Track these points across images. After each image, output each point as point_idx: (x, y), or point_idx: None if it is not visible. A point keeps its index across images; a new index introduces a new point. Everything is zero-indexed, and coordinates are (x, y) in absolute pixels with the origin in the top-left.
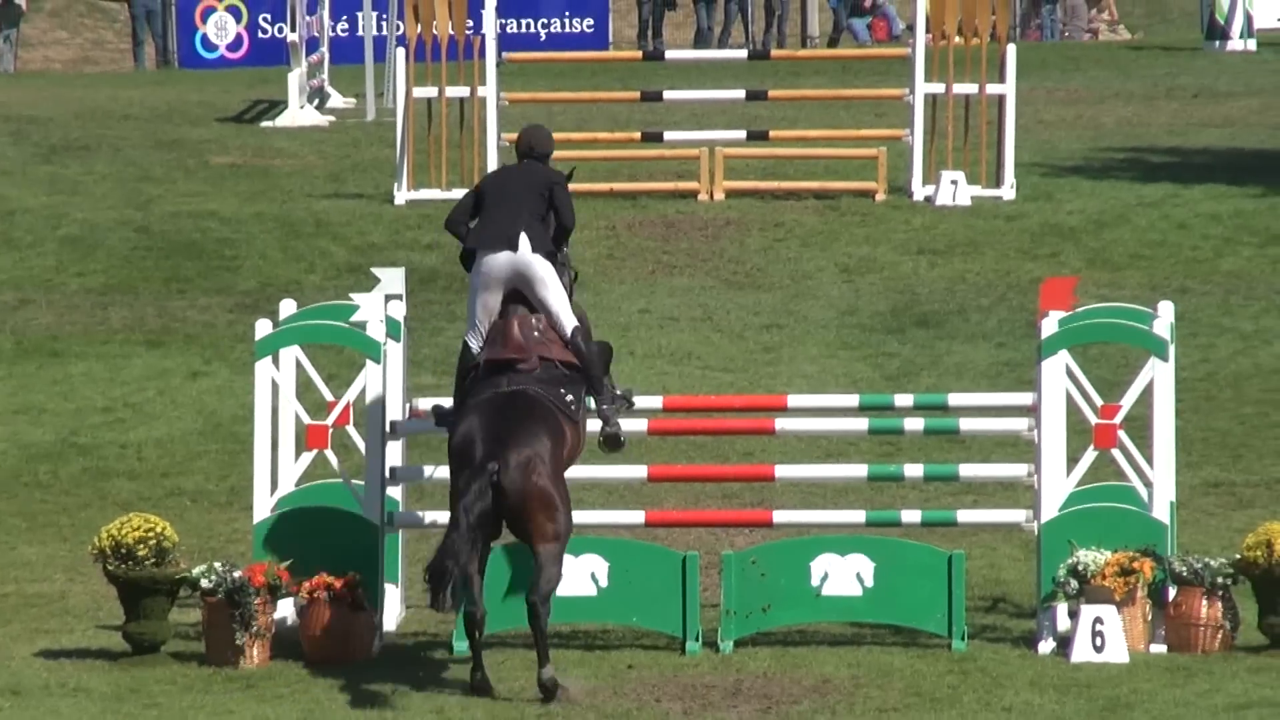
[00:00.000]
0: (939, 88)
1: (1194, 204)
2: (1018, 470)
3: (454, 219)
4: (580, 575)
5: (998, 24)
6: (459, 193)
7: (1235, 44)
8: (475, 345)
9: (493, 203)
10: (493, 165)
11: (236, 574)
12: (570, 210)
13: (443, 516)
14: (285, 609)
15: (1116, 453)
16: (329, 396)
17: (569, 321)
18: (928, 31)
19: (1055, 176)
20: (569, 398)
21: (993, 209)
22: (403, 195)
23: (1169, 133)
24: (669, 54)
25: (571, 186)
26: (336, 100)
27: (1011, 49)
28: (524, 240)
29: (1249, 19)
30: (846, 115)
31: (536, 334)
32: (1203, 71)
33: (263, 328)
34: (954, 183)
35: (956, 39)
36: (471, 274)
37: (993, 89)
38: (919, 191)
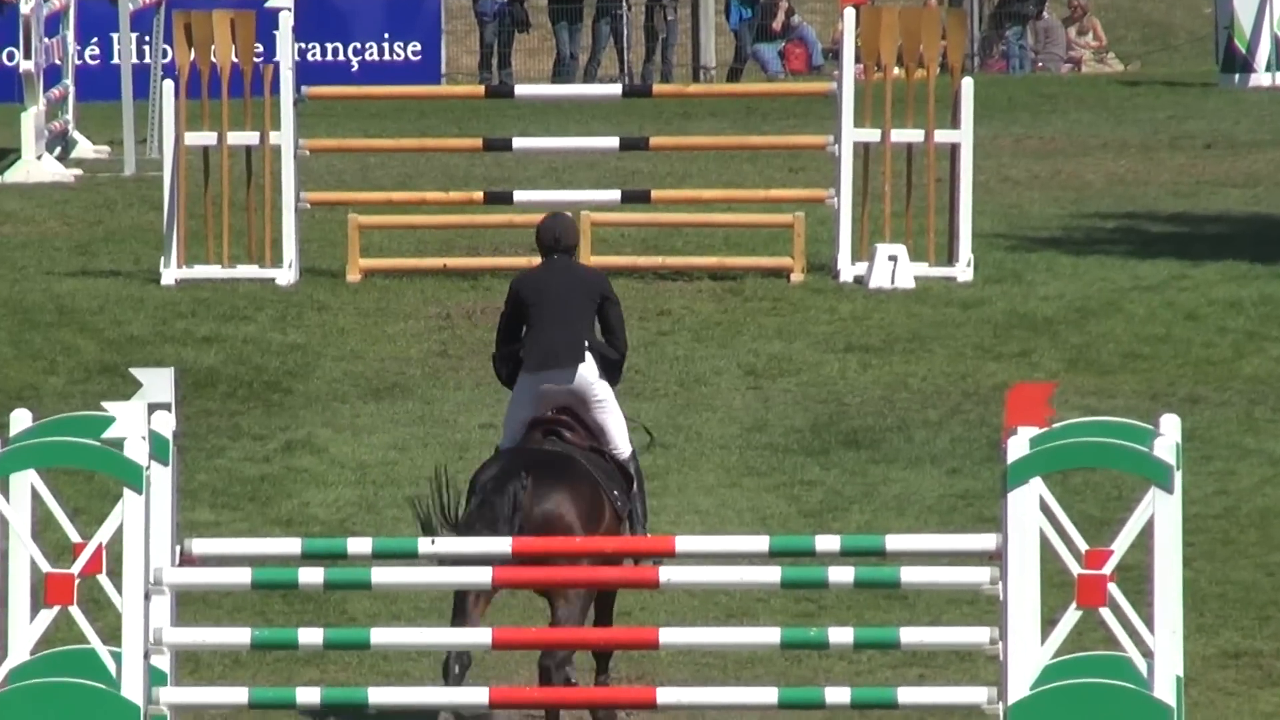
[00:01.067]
0: (873, 134)
1: (1206, 287)
2: (978, 635)
3: (504, 353)
4: None
5: (949, 51)
6: (244, 270)
7: (1260, 78)
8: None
9: (539, 316)
10: (290, 233)
11: None
12: (624, 334)
13: (229, 694)
14: None
15: (1106, 612)
16: (75, 537)
17: (625, 448)
18: (858, 61)
19: (1025, 251)
20: (615, 492)
21: (944, 293)
22: (172, 273)
23: (1174, 194)
24: (520, 89)
25: (393, 262)
26: (85, 148)
27: (968, 84)
28: (588, 365)
29: (1277, 46)
30: (752, 170)
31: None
32: (1218, 114)
33: None
34: (893, 259)
35: (896, 70)
36: (517, 390)
37: (943, 136)
38: (847, 270)
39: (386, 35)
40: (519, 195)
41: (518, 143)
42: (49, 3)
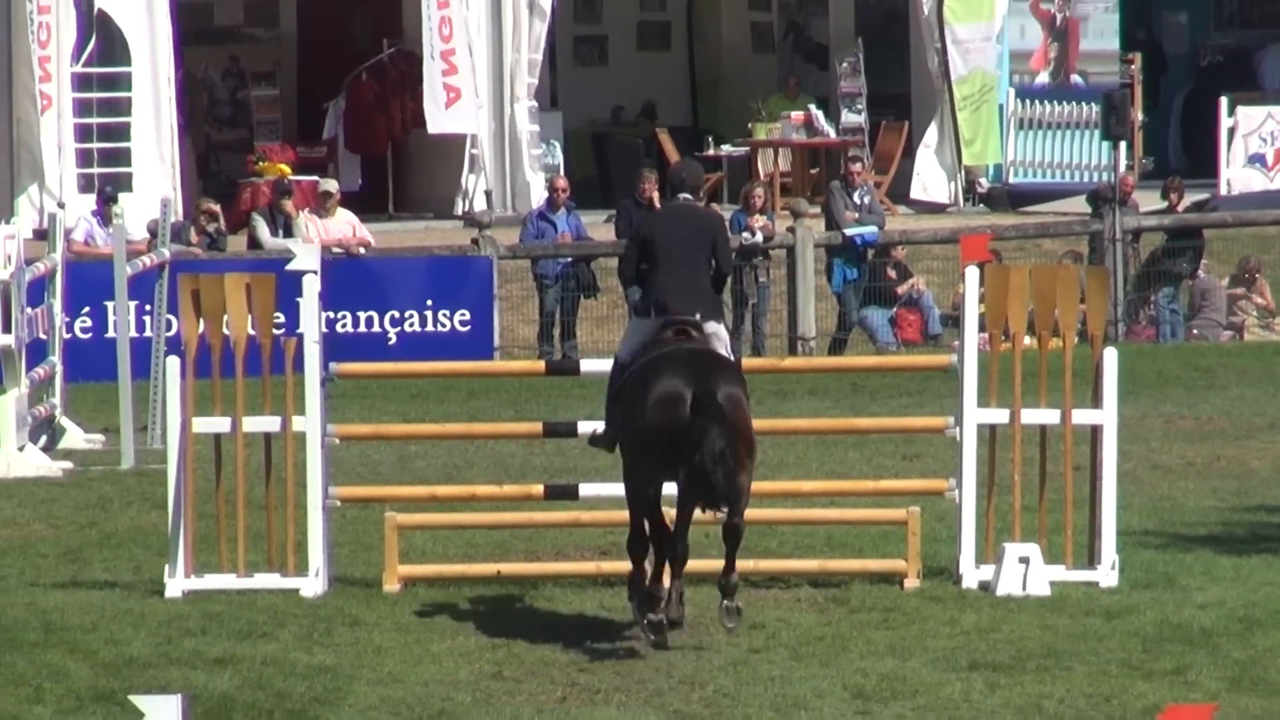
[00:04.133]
0: (1001, 415)
1: None
2: None
3: (626, 276)
4: None
5: (1089, 316)
6: (263, 580)
7: None
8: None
9: (664, 257)
10: (317, 536)
11: None
12: (730, 259)
13: None
14: None
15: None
16: None
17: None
18: (982, 329)
19: (1180, 551)
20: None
21: (1084, 601)
22: (178, 583)
23: None
24: (586, 364)
25: (438, 569)
26: (75, 437)
27: (1110, 355)
28: (708, 331)
29: None
30: (860, 458)
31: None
32: None
33: None
34: (1024, 561)
35: (1027, 340)
36: (641, 325)
37: (1082, 416)
38: (970, 575)
39: (430, 302)
40: (585, 489)
41: (583, 427)
42: (32, 266)
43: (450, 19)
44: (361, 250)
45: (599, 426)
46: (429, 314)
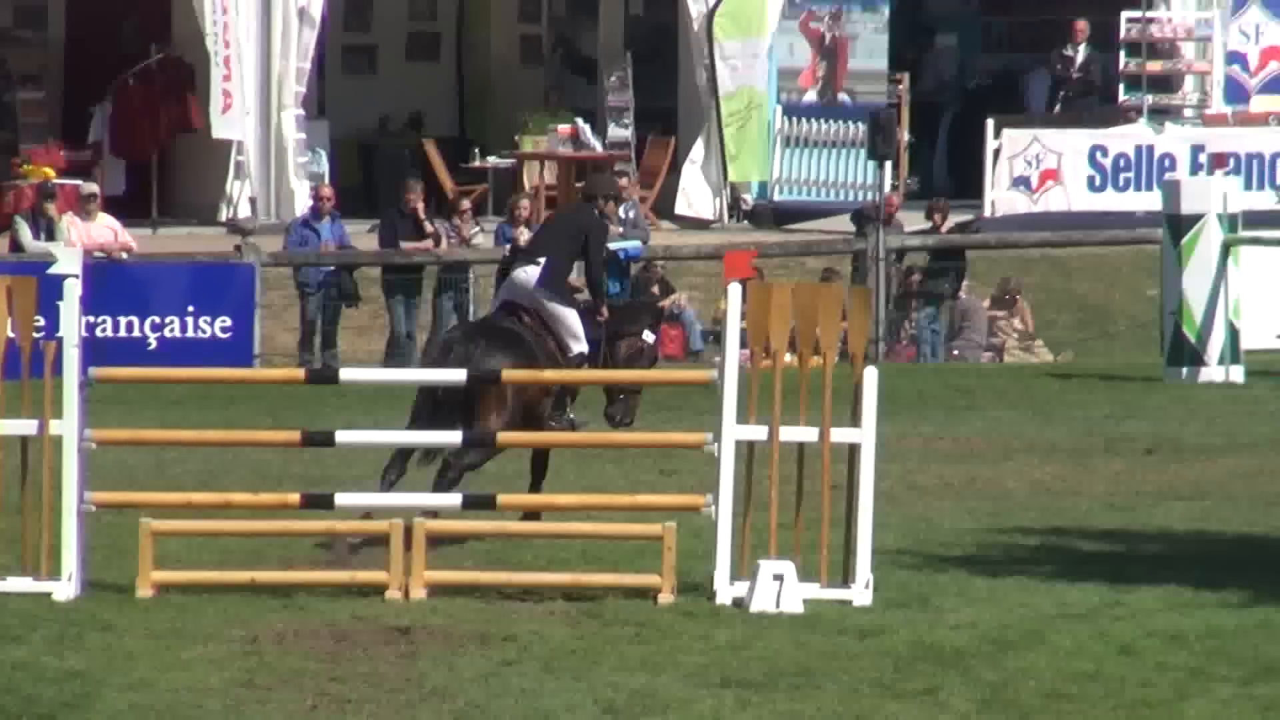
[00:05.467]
0: (759, 432)
1: (1145, 617)
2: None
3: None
4: None
5: (850, 335)
6: (15, 583)
7: (1212, 372)
8: None
9: (536, 236)
10: (71, 540)
11: None
12: (597, 265)
13: None
14: None
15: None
16: None
17: (577, 347)
18: (743, 345)
19: (934, 571)
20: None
21: (838, 619)
22: None
23: (1109, 507)
24: (346, 373)
25: (192, 575)
26: None
27: (871, 374)
28: (538, 269)
29: (1234, 335)
30: (617, 472)
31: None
32: (1162, 414)
33: None
34: (778, 578)
35: (787, 357)
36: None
37: (840, 435)
38: (725, 591)
39: (191, 308)
40: (341, 499)
41: (341, 436)
42: None
43: (229, 24)
44: (124, 255)
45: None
46: (190, 320)
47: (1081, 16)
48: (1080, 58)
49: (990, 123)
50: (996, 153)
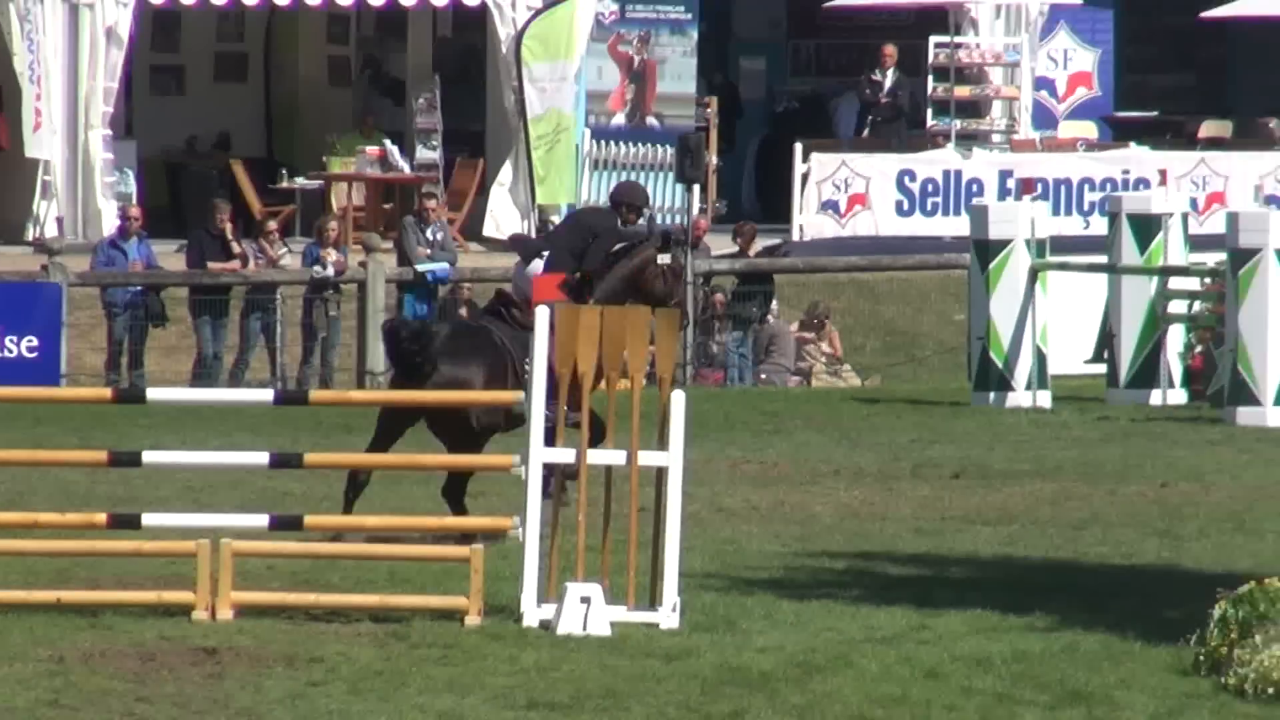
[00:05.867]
0: (568, 455)
1: (951, 641)
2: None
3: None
4: None
5: (658, 358)
6: None
7: (1019, 398)
8: None
9: (555, 229)
10: None
11: None
12: (595, 255)
13: None
14: None
15: None
16: None
17: None
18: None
19: (741, 594)
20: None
21: (644, 642)
22: None
23: (915, 531)
24: (153, 393)
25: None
26: None
27: (678, 398)
28: (540, 262)
29: (1042, 361)
30: (425, 494)
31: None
32: (969, 438)
33: None
34: (585, 601)
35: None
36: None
37: (648, 458)
38: (532, 613)
39: None
40: (148, 519)
41: (148, 456)
42: None
43: (39, 43)
44: None
45: None
46: None
47: (890, 41)
48: (889, 82)
49: (799, 147)
50: (805, 177)
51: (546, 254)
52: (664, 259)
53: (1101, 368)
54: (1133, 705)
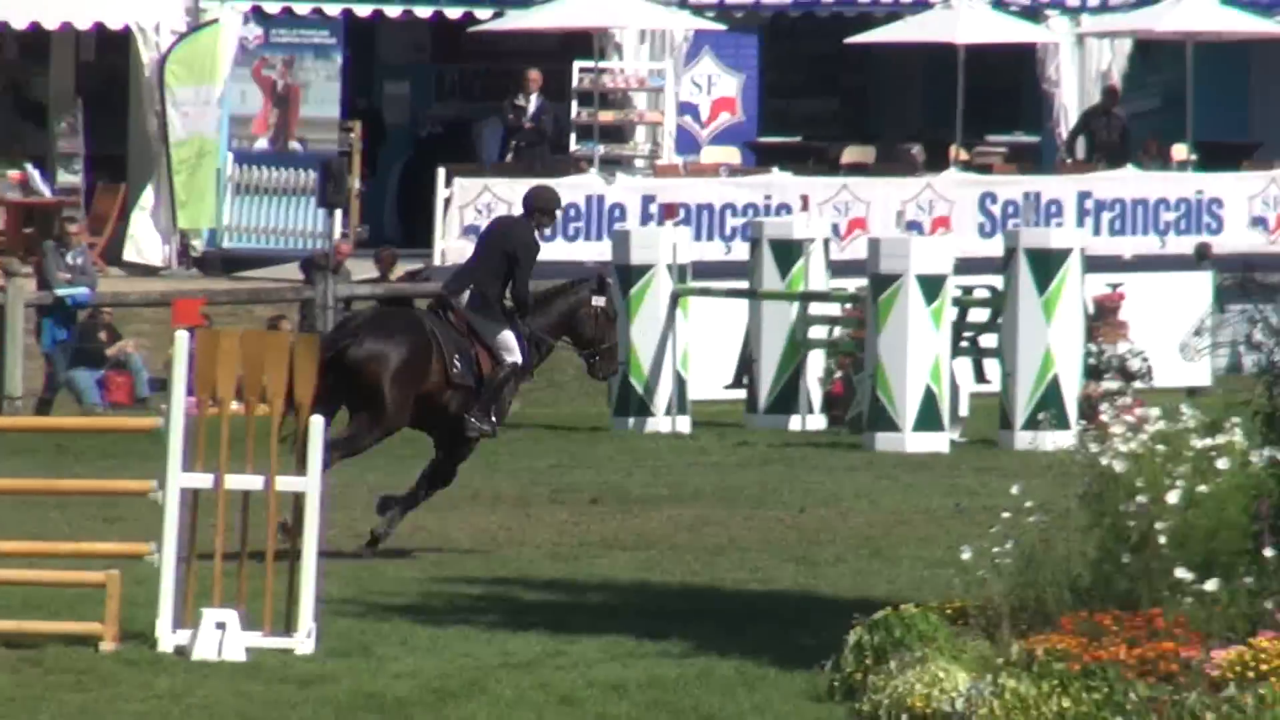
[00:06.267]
0: (205, 480)
1: (586, 667)
2: None
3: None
4: None
5: (297, 384)
6: None
7: (659, 422)
8: None
9: (470, 259)
10: None
11: None
12: (522, 285)
13: None
14: None
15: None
16: None
17: (509, 357)
18: (190, 393)
19: (377, 620)
20: (457, 359)
21: (279, 668)
22: None
23: (552, 557)
24: None
25: None
26: None
27: (316, 422)
28: (465, 296)
29: (682, 386)
30: (61, 519)
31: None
32: (608, 463)
33: None
34: (221, 626)
35: (235, 405)
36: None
37: (286, 483)
38: (167, 639)
39: None
40: None
41: None
42: None
43: None
44: None
45: None
46: None
47: (535, 66)
48: (532, 107)
49: (441, 171)
50: (447, 201)
51: (469, 292)
52: (598, 302)
53: (742, 393)
54: None
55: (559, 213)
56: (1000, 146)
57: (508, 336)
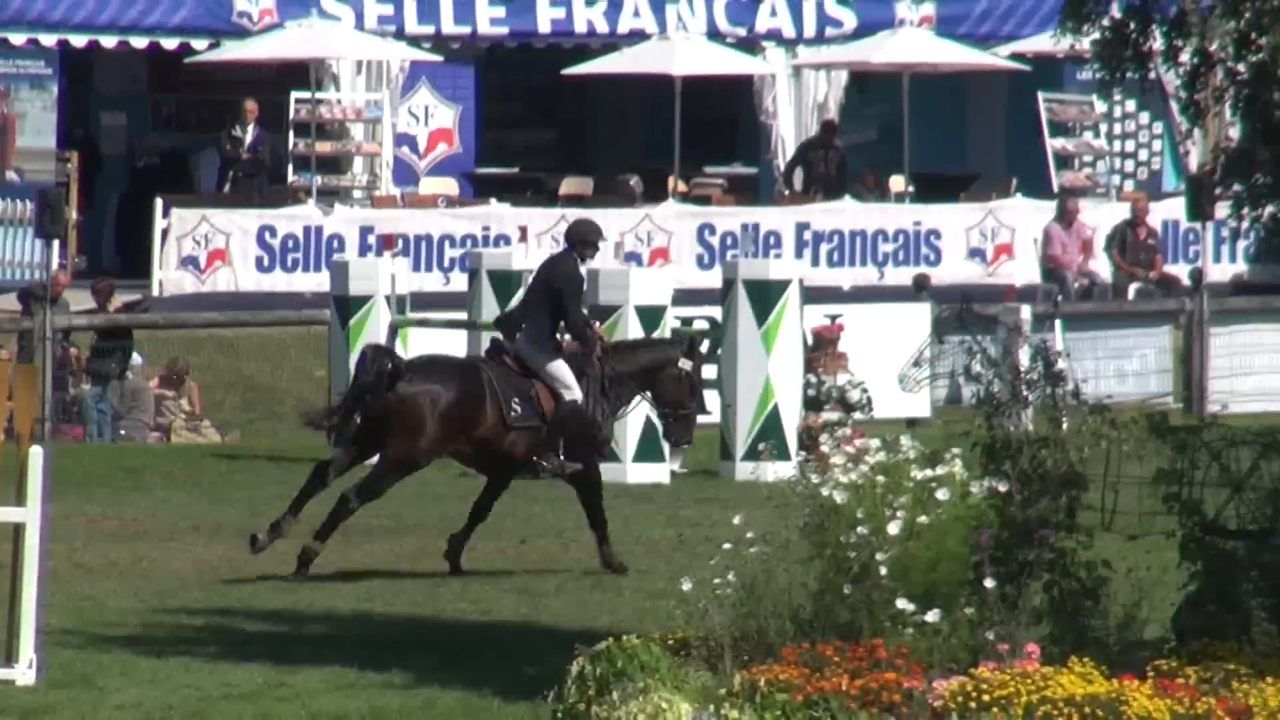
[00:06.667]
0: None
1: (309, 697)
2: None
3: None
4: None
5: (16, 413)
6: None
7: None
8: None
9: (523, 299)
10: None
11: None
12: (574, 316)
13: None
14: None
15: None
16: None
17: (569, 394)
18: None
19: (99, 651)
20: (515, 401)
21: (1, 699)
22: None
23: (275, 589)
24: None
25: None
26: None
27: (37, 453)
28: (519, 338)
29: None
30: None
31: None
32: (327, 494)
33: None
34: None
35: None
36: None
37: (5, 514)
38: None
39: None
40: None
41: None
42: None
43: None
44: None
45: None
46: None
47: (252, 97)
48: (250, 138)
49: (159, 202)
50: (165, 232)
51: (523, 331)
52: (684, 365)
53: None
54: None
55: (601, 244)
56: (718, 178)
57: (559, 367)
